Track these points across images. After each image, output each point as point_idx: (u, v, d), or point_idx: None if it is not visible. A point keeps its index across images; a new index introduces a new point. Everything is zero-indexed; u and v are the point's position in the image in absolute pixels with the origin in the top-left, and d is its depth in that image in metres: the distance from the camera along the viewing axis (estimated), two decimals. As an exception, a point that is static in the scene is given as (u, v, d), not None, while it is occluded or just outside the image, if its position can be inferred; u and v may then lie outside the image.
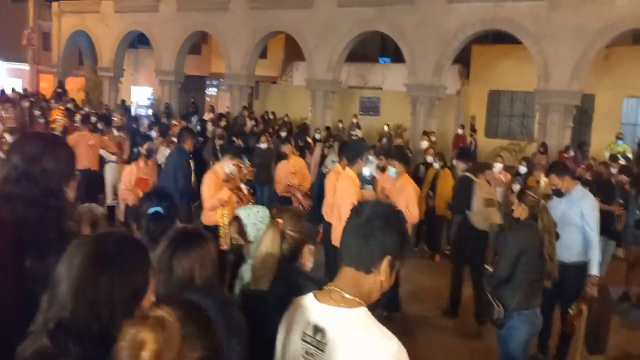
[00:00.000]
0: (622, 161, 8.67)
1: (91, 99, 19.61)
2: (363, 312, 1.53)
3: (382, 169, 7.03)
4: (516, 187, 7.66)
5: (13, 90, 20.14)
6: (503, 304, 3.69)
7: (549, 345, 4.85)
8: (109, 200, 8.39)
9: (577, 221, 4.57)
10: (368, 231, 1.51)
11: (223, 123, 12.82)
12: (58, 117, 12.10)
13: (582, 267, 4.49)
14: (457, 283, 5.98)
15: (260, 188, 8.94)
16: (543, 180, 7.64)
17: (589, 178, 7.73)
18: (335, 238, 5.06)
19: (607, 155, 11.19)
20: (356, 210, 1.58)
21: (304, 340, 1.58)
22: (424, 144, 9.03)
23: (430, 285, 6.75)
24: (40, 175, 1.75)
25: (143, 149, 7.05)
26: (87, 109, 15.05)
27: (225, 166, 5.92)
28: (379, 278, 1.54)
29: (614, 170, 7.71)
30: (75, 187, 1.94)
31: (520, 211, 3.79)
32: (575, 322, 4.16)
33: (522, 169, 8.03)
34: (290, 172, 7.86)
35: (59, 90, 18.81)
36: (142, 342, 1.04)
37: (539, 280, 3.73)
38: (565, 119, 11.94)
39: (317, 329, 1.55)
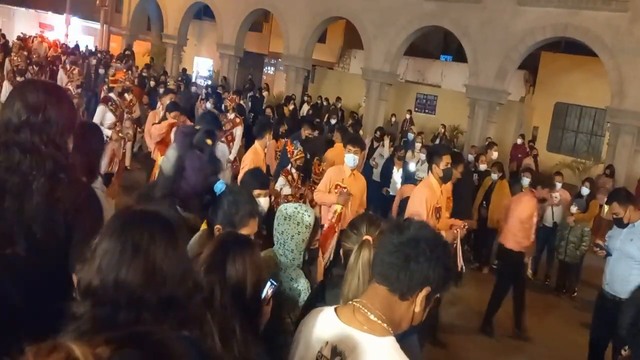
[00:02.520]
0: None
1: (155, 65, 20.07)
2: (391, 342, 1.35)
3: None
4: (574, 208, 7.17)
5: (86, 47, 20.98)
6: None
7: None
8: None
9: (636, 255, 4.32)
10: (410, 252, 1.32)
11: (291, 106, 13.14)
12: (121, 78, 12.35)
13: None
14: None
15: (306, 173, 8.89)
16: (606, 205, 7.12)
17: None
18: None
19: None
20: (398, 227, 1.39)
21: None
22: (495, 154, 8.62)
23: (473, 297, 6.45)
24: (42, 125, 1.71)
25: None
26: (151, 72, 15.42)
27: (269, 142, 6.06)
28: (413, 308, 1.37)
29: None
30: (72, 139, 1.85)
31: None
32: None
33: (585, 191, 7.49)
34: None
35: (127, 52, 19.28)
36: None
37: None
38: (638, 142, 11.09)
39: (336, 353, 1.39)
